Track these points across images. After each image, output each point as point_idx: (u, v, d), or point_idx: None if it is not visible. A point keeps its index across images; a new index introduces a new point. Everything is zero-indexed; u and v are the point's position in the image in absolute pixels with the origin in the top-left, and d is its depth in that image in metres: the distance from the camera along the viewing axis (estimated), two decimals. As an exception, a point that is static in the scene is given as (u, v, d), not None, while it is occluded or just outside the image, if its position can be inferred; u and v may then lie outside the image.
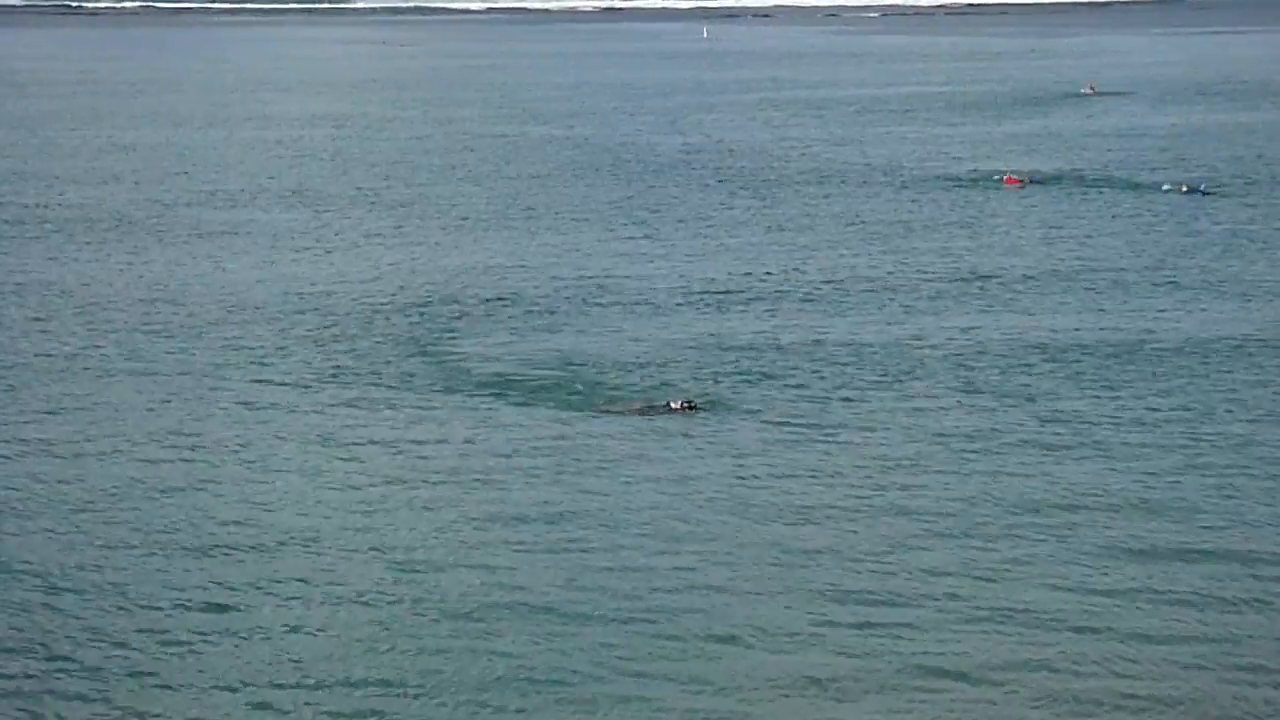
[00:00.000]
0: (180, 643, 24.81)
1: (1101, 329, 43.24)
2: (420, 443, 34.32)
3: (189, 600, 26.33)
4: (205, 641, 24.84)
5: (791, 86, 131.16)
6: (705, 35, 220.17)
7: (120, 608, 26.08)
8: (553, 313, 46.11)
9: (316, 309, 47.11)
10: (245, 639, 24.96)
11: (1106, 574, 26.77)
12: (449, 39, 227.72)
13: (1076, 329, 43.24)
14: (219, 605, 26.15)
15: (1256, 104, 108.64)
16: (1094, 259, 53.25)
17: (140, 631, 25.23)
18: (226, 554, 28.33)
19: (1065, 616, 25.14)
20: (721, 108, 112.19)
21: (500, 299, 47.94)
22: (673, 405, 36.32)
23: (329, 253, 56.75)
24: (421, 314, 46.26)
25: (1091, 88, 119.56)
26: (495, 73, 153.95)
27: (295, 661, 24.24)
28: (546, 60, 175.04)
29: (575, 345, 42.27)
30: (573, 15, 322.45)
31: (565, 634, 24.83)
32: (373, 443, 34.49)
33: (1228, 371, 38.95)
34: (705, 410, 35.98)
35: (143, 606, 26.12)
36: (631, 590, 26.41)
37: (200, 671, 23.89)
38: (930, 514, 29.56)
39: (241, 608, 26.13)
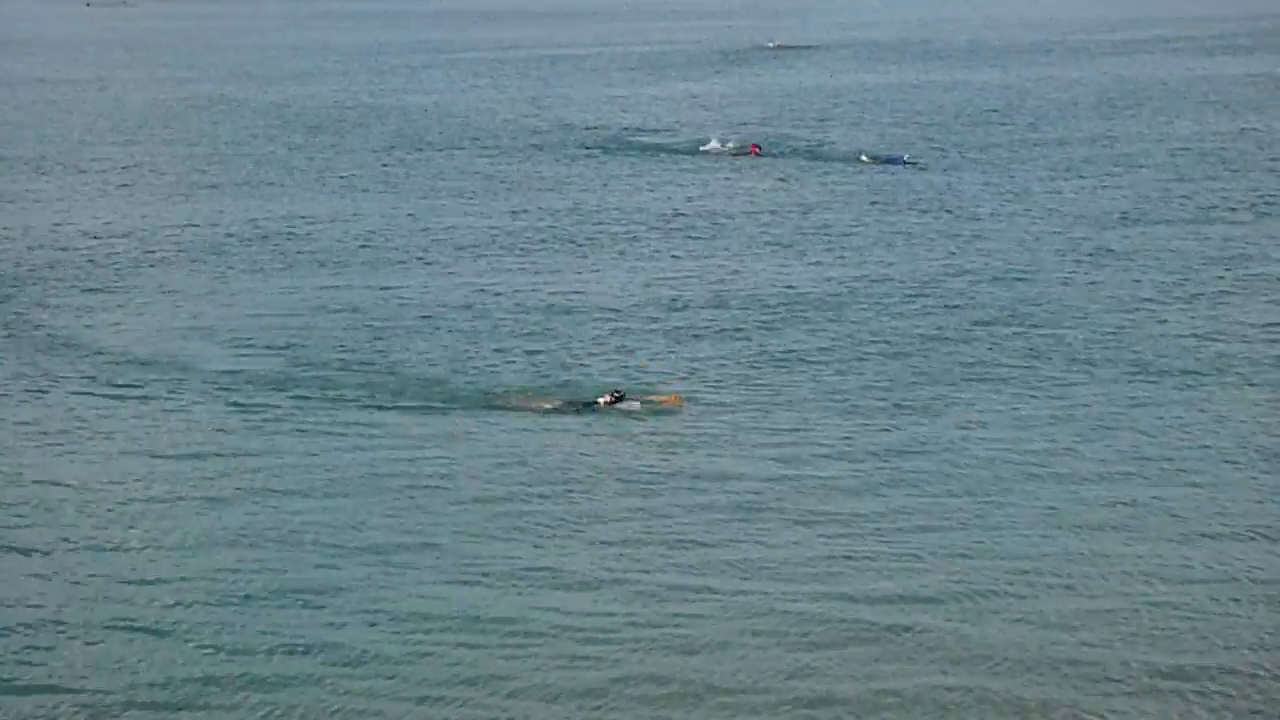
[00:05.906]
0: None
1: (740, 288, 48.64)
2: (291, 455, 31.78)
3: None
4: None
5: (499, 47, 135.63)
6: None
7: None
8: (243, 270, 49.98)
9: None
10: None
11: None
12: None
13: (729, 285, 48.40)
14: None
15: (955, 64, 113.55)
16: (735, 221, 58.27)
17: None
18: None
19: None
20: (428, 68, 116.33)
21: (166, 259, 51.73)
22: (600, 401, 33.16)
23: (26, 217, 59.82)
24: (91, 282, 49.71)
25: (777, 44, 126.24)
26: (219, 35, 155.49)
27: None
28: (270, 22, 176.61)
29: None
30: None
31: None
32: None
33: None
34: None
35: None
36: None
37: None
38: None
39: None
